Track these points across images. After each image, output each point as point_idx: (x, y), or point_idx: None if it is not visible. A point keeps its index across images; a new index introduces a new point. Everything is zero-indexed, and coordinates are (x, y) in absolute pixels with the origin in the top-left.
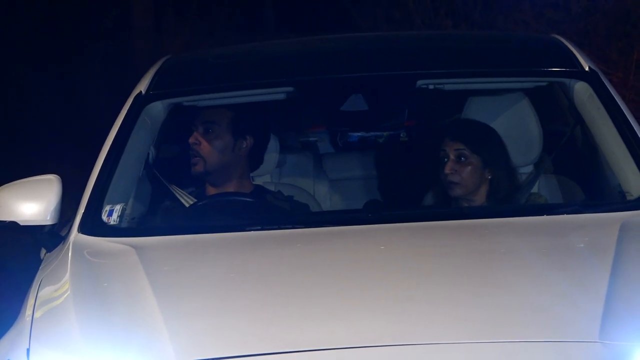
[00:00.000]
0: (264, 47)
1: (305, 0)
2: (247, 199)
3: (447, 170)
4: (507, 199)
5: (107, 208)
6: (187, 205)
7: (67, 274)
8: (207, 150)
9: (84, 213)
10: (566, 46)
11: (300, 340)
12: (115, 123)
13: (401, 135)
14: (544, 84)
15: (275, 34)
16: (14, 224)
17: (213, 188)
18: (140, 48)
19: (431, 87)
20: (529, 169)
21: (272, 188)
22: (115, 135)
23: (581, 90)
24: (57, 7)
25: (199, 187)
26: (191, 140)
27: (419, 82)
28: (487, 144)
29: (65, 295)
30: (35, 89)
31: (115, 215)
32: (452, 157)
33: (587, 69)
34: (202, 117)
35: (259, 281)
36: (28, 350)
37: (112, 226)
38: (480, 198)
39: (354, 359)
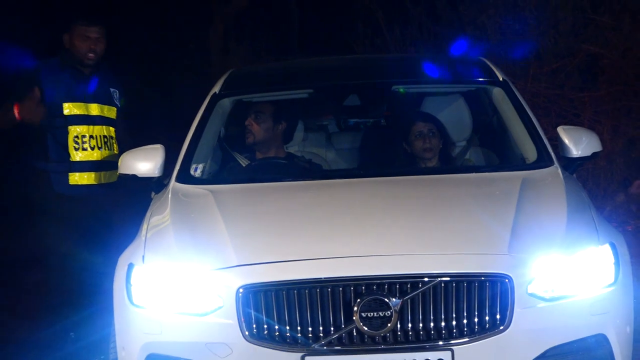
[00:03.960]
0: (293, 63)
1: (317, 34)
2: (283, 161)
3: (425, 142)
4: (449, 162)
5: (194, 166)
6: (243, 165)
7: (168, 208)
8: (257, 129)
9: (179, 169)
10: (488, 64)
11: (317, 252)
12: (198, 112)
13: (382, 121)
14: (474, 88)
15: (300, 55)
16: (134, 176)
17: (260, 154)
18: (214, 64)
19: (401, 90)
20: (463, 143)
21: (298, 154)
22: (199, 120)
23: (498, 93)
24: (157, 35)
25: (251, 154)
26: (247, 123)
27: (393, 87)
28: (442, 126)
29: (166, 221)
30: (143, 95)
31: (198, 171)
32: (425, 132)
33: (501, 79)
34: (254, 108)
35: (291, 212)
36: (143, 256)
37: (196, 178)
38: (433, 161)
39: (351, 264)
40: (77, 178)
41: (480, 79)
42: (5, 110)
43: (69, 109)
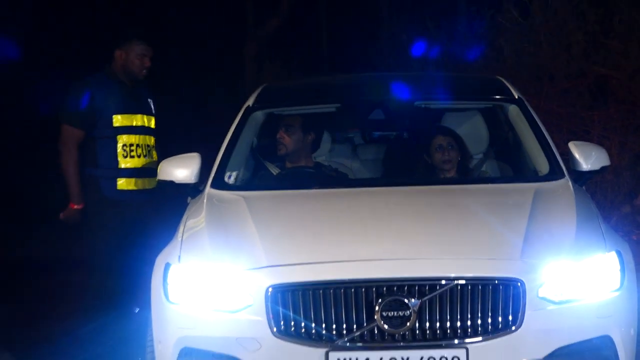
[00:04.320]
0: (322, 79)
1: (345, 52)
2: (311, 170)
3: (444, 154)
4: (467, 173)
5: (228, 173)
6: (274, 173)
7: (203, 212)
8: (288, 141)
9: (214, 176)
10: (504, 83)
11: (342, 255)
12: (233, 124)
13: (404, 134)
14: (491, 105)
15: (329, 72)
16: (172, 182)
17: (290, 163)
18: (248, 80)
19: (423, 106)
20: (480, 156)
21: (326, 164)
22: (233, 131)
23: (513, 110)
24: (196, 55)
25: (282, 163)
26: (278, 136)
27: (416, 103)
28: (460, 140)
29: (201, 224)
30: (182, 109)
31: (232, 178)
32: (445, 145)
33: (516, 97)
34: (284, 121)
35: (319, 218)
36: (179, 256)
37: (230, 184)
38: (452, 172)
39: (373, 267)
40: (124, 183)
41: (497, 97)
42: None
43: (118, 120)
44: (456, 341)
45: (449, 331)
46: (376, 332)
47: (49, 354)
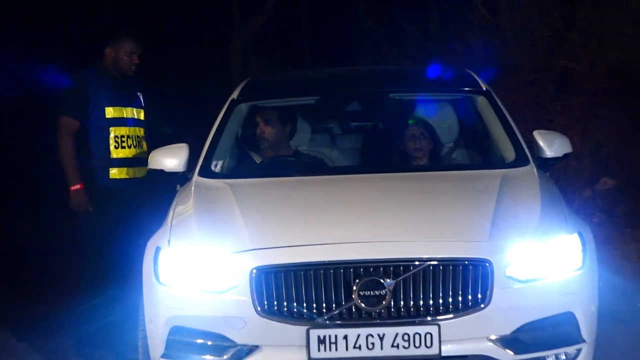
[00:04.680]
0: (303, 73)
1: (326, 49)
2: (292, 159)
3: (416, 143)
4: (438, 161)
5: (214, 162)
6: (258, 162)
7: (191, 199)
8: (268, 133)
9: (201, 165)
10: (473, 76)
11: (321, 238)
12: (218, 116)
13: (380, 125)
14: (460, 97)
15: (310, 66)
16: (162, 171)
17: (271, 152)
18: (234, 74)
19: (397, 98)
20: (451, 145)
21: (306, 152)
22: (219, 123)
23: (481, 101)
24: (184, 51)
25: (264, 152)
26: (258, 130)
27: (390, 95)
28: (431, 129)
29: (190, 210)
30: (170, 102)
31: (218, 167)
32: (417, 134)
33: (484, 89)
34: (263, 115)
35: (300, 204)
36: (169, 240)
37: (216, 173)
38: (424, 160)
39: (351, 249)
40: (116, 173)
41: (466, 89)
42: (67, 153)
43: (110, 112)
44: (429, 318)
45: (422, 309)
46: (354, 310)
47: (45, 331)
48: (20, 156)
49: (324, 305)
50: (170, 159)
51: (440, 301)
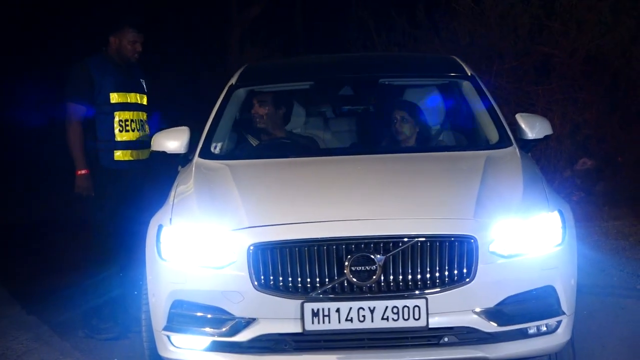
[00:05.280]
0: (297, 60)
1: (319, 37)
2: (287, 141)
3: (397, 126)
4: (426, 143)
5: (213, 145)
6: (254, 144)
7: (192, 179)
8: (262, 112)
9: (201, 147)
10: (458, 62)
11: (315, 216)
12: (217, 100)
13: (370, 108)
14: (447, 82)
15: (304, 53)
16: (164, 153)
17: (266, 135)
18: (231, 62)
19: (387, 83)
20: (437, 127)
21: (300, 135)
22: (218, 107)
23: (466, 85)
24: (183, 39)
25: (260, 135)
26: (253, 110)
27: (380, 80)
28: (416, 112)
29: (191, 190)
30: (172, 88)
31: (217, 149)
32: (399, 118)
33: (469, 74)
34: (258, 97)
35: (295, 183)
36: (171, 218)
37: (216, 154)
38: (412, 142)
39: (343, 226)
40: (120, 155)
41: (452, 74)
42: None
43: (115, 98)
44: (417, 292)
45: (410, 283)
46: (346, 284)
47: (53, 304)
48: (29, 133)
49: (318, 279)
50: (172, 141)
51: (428, 276)
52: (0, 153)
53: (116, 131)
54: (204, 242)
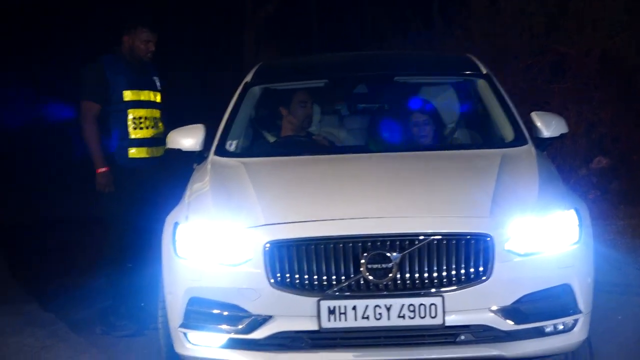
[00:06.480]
0: (312, 58)
1: (333, 36)
2: (303, 139)
3: (420, 130)
4: (441, 141)
5: (229, 142)
6: (271, 142)
7: (208, 176)
8: (310, 115)
9: (217, 144)
10: (473, 60)
11: (331, 214)
12: (233, 98)
13: (385, 106)
14: (462, 80)
15: (319, 51)
16: (179, 150)
17: (293, 132)
18: (247, 61)
19: (402, 81)
20: (452, 125)
21: (316, 133)
22: (233, 105)
23: (481, 84)
24: (200, 39)
25: (277, 132)
26: (306, 111)
27: (396, 78)
28: (435, 114)
29: (206, 187)
30: (188, 86)
31: (233, 146)
32: (421, 122)
33: (484, 72)
34: (297, 97)
35: (311, 181)
36: (187, 216)
37: (231, 152)
38: (428, 140)
39: (359, 224)
40: (135, 152)
41: (467, 72)
42: (90, 126)
43: (128, 96)
44: (433, 290)
45: (426, 281)
46: (362, 282)
47: (70, 302)
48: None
49: (334, 277)
50: (187, 138)
51: (444, 274)
52: (17, 153)
53: (130, 129)
54: (220, 239)
